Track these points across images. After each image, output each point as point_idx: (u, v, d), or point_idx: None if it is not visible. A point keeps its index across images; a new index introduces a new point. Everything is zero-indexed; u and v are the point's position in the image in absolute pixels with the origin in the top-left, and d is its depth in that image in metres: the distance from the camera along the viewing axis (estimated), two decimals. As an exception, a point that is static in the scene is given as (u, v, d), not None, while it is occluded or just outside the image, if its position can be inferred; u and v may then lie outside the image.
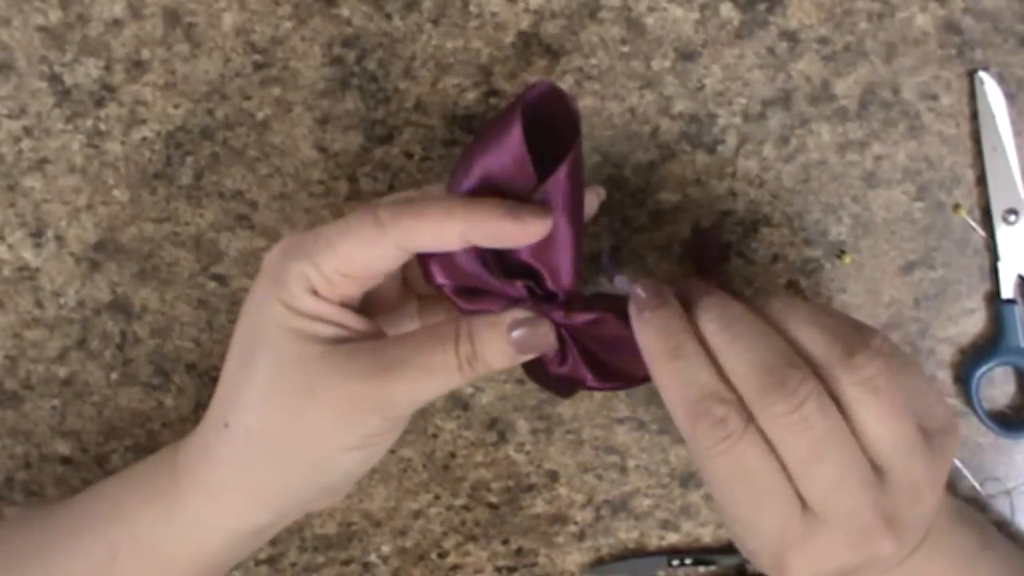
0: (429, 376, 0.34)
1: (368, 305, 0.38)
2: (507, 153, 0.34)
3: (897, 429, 0.33)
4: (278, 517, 0.39)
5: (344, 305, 0.36)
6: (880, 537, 0.33)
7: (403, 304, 0.40)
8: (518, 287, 0.35)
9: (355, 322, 0.36)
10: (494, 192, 0.34)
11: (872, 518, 0.32)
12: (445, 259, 0.35)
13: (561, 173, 0.34)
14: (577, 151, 0.34)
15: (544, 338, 0.35)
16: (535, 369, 0.37)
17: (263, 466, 0.36)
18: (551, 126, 0.35)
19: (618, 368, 0.36)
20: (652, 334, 0.34)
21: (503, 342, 0.35)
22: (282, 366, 0.35)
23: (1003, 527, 0.45)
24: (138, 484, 0.39)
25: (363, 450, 0.36)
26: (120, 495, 0.39)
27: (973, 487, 0.45)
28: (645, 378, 0.36)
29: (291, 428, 0.35)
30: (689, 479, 0.46)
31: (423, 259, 0.35)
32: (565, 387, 0.37)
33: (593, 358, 0.36)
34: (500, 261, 0.35)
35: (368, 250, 0.34)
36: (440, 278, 0.35)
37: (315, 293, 0.35)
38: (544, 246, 0.34)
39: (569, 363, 0.36)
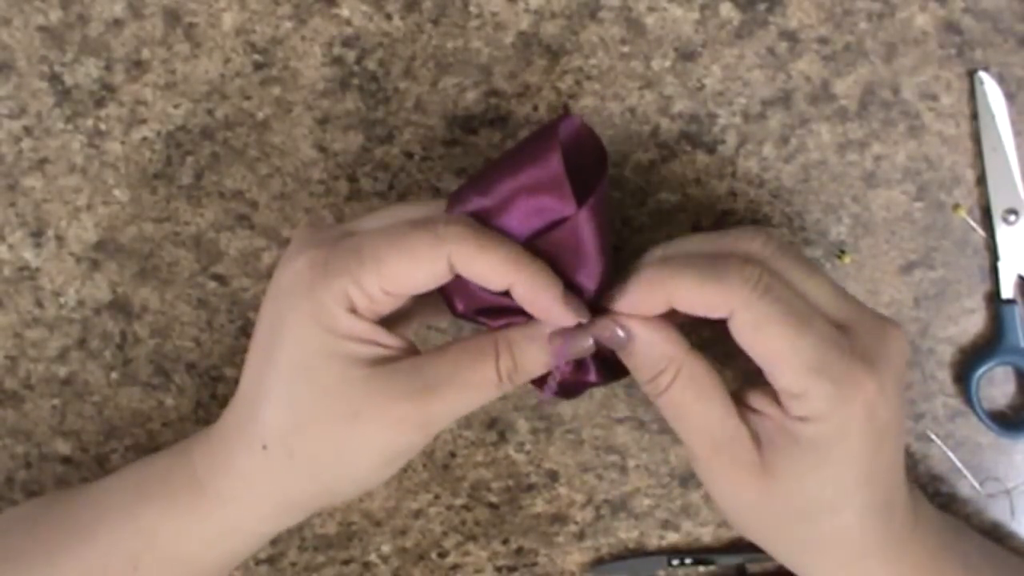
0: (471, 392, 0.35)
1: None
2: (546, 178, 0.34)
3: (836, 288, 0.35)
4: (307, 517, 0.39)
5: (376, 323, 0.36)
6: (862, 375, 0.34)
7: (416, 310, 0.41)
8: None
9: (389, 339, 0.36)
10: (525, 215, 0.34)
11: (850, 359, 0.34)
12: (466, 291, 0.35)
13: (591, 205, 0.34)
14: (604, 182, 0.34)
15: (582, 343, 0.35)
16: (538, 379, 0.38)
17: (304, 485, 0.36)
18: (575, 158, 0.35)
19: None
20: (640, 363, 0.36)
21: (543, 352, 0.35)
22: (324, 392, 0.35)
23: (1003, 527, 0.45)
24: (155, 495, 0.38)
25: (400, 459, 0.37)
26: (134, 506, 0.38)
27: (973, 487, 0.45)
28: None
29: (336, 452, 0.35)
30: (689, 479, 0.46)
31: (444, 290, 0.35)
32: (568, 391, 0.38)
33: (605, 359, 0.37)
34: None
35: (422, 267, 0.34)
36: (461, 307, 0.35)
37: (353, 311, 0.35)
38: (572, 270, 0.35)
39: (582, 369, 0.37)
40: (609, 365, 0.37)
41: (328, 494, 0.37)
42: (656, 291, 0.34)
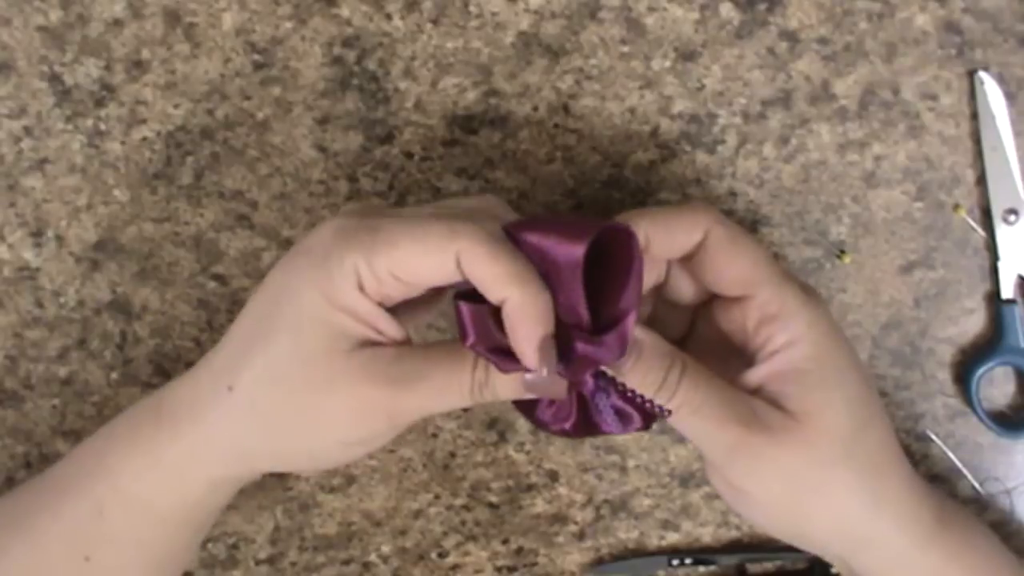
0: (442, 394, 0.35)
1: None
2: (568, 282, 0.34)
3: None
4: (257, 475, 0.40)
5: (381, 305, 0.36)
6: (812, 289, 0.37)
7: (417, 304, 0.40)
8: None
9: (387, 326, 0.36)
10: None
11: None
12: (480, 329, 0.34)
13: (628, 324, 0.34)
14: (639, 300, 0.34)
15: (555, 387, 0.35)
16: (526, 407, 0.38)
17: (258, 437, 0.36)
18: (609, 255, 0.35)
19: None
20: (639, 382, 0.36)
21: (515, 378, 0.35)
22: (306, 355, 0.35)
23: (1003, 527, 0.45)
24: (120, 436, 0.39)
25: (361, 447, 0.37)
26: (103, 449, 0.39)
27: (973, 487, 0.45)
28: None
29: (299, 416, 0.35)
30: (689, 479, 0.46)
31: (459, 320, 0.35)
32: (540, 425, 0.38)
33: (588, 417, 0.37)
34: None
35: (430, 258, 0.34)
36: (472, 340, 0.35)
37: (360, 288, 0.35)
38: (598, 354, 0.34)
39: (569, 421, 0.36)
40: (590, 427, 0.37)
41: (280, 458, 0.37)
42: (638, 226, 0.35)
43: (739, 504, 0.38)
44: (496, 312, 0.34)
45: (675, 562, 0.46)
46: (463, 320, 0.34)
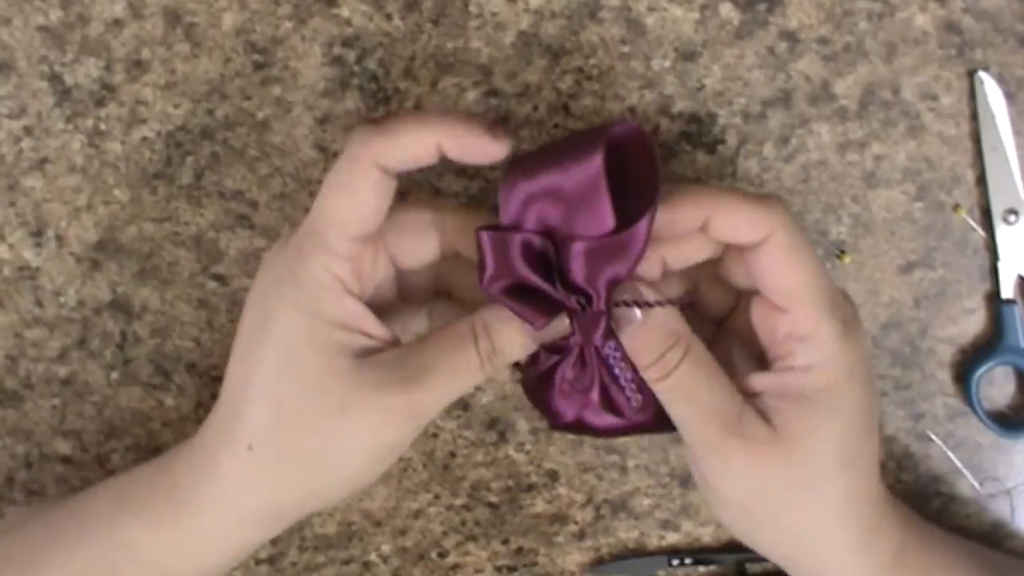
0: (455, 378, 0.35)
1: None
2: (583, 181, 0.33)
3: None
4: (285, 528, 0.38)
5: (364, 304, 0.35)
6: (859, 322, 0.37)
7: (404, 312, 0.40)
8: (572, 300, 0.35)
9: (376, 328, 0.35)
10: (553, 209, 0.34)
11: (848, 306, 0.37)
12: (501, 260, 0.34)
13: (643, 225, 0.33)
14: (657, 196, 0.34)
15: (559, 324, 0.35)
16: (535, 388, 0.37)
17: (292, 487, 0.36)
18: (623, 161, 0.34)
19: (624, 407, 0.37)
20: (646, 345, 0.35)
21: (519, 332, 0.35)
22: (311, 384, 0.34)
23: (1003, 527, 0.45)
24: (135, 504, 0.38)
25: (390, 456, 0.36)
26: (116, 517, 0.38)
27: (973, 487, 0.45)
28: (643, 427, 0.37)
29: (323, 449, 0.35)
30: (689, 479, 0.46)
31: (480, 251, 0.35)
32: (552, 417, 0.37)
33: (607, 389, 0.36)
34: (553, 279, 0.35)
35: (358, 185, 0.34)
36: (493, 273, 0.34)
37: (343, 287, 0.34)
38: (609, 274, 0.34)
39: (581, 387, 0.36)
40: (611, 405, 0.37)
41: (317, 496, 0.37)
42: (698, 205, 0.34)
43: (706, 495, 0.38)
44: (520, 243, 0.34)
45: (675, 562, 0.46)
46: (483, 250, 0.34)
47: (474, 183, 0.44)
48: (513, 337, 0.35)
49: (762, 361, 0.37)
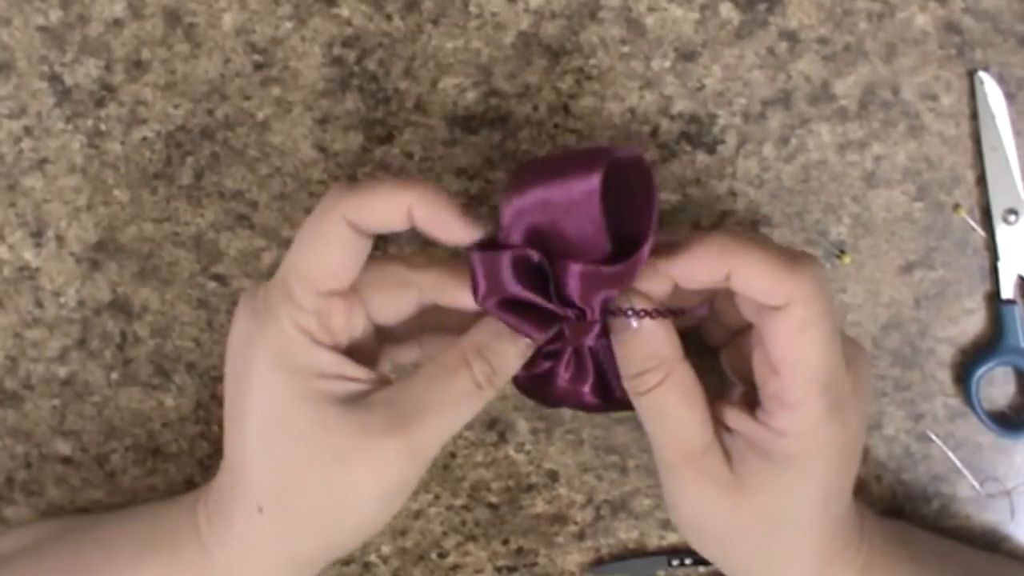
0: (452, 409, 0.34)
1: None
2: (577, 202, 0.33)
3: None
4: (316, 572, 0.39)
5: (339, 351, 0.35)
6: (852, 400, 0.35)
7: (391, 351, 0.40)
8: (567, 311, 0.35)
9: (357, 371, 0.35)
10: (544, 226, 0.34)
11: (846, 383, 0.35)
12: (493, 279, 0.34)
13: (642, 256, 0.33)
14: (656, 222, 0.34)
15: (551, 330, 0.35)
16: (532, 385, 0.38)
17: (309, 540, 0.36)
18: (621, 185, 0.34)
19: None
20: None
21: (515, 345, 0.35)
22: (304, 439, 0.34)
23: (1003, 527, 0.45)
24: (161, 549, 0.38)
25: (401, 493, 0.36)
26: (141, 557, 0.38)
27: (973, 487, 0.45)
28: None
29: (331, 500, 0.34)
30: (689, 479, 0.46)
31: (472, 271, 0.34)
32: (560, 401, 0.38)
33: (600, 379, 0.37)
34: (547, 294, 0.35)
35: (328, 242, 0.33)
36: (485, 292, 0.34)
37: (310, 340, 0.34)
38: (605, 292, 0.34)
39: (587, 383, 0.37)
40: (607, 391, 0.37)
41: (335, 545, 0.37)
42: (723, 257, 0.33)
43: (666, 504, 0.38)
44: (510, 261, 0.34)
45: (675, 562, 0.46)
46: (475, 270, 0.34)
47: (474, 183, 0.44)
48: (509, 352, 0.35)
49: (744, 388, 0.37)
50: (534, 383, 0.37)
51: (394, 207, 0.33)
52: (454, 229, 0.34)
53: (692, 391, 0.35)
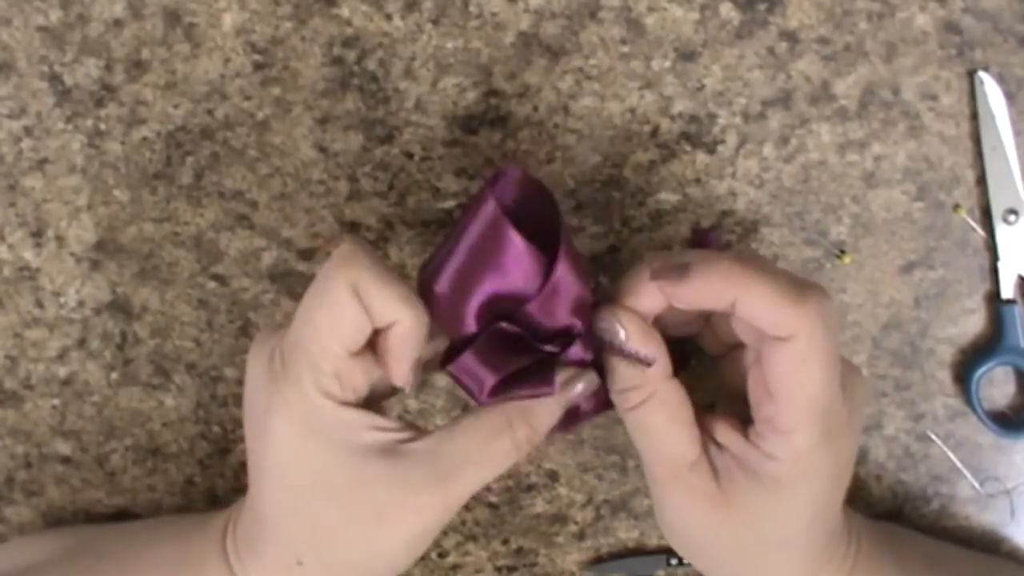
0: (491, 467, 0.35)
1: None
2: (515, 268, 0.33)
3: None
4: None
5: (363, 405, 0.35)
6: (846, 428, 0.35)
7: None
8: (556, 346, 0.35)
9: (386, 422, 0.35)
10: (493, 287, 0.34)
11: (841, 412, 0.35)
12: (479, 380, 0.34)
13: (560, 265, 0.33)
14: (566, 229, 0.34)
15: (589, 382, 0.35)
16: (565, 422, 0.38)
17: None
18: (524, 205, 0.34)
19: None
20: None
21: (555, 406, 0.35)
22: (344, 499, 0.34)
23: (1003, 527, 0.45)
24: None
25: (430, 539, 0.36)
26: None
27: (973, 487, 0.45)
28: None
29: (368, 554, 0.35)
30: (689, 479, 0.46)
31: (459, 383, 0.35)
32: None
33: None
34: (517, 343, 0.35)
35: (336, 310, 0.33)
36: (479, 393, 0.34)
37: (337, 402, 0.34)
38: (553, 311, 0.34)
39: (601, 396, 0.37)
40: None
41: None
42: (729, 285, 0.32)
43: (655, 511, 0.38)
44: (476, 356, 0.34)
45: (673, 561, 0.46)
46: (463, 381, 0.34)
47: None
48: (550, 414, 0.35)
49: (736, 400, 0.37)
50: None
51: (389, 312, 0.33)
52: (402, 370, 0.34)
53: (678, 409, 0.35)
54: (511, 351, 0.34)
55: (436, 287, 0.34)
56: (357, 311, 0.33)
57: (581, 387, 0.35)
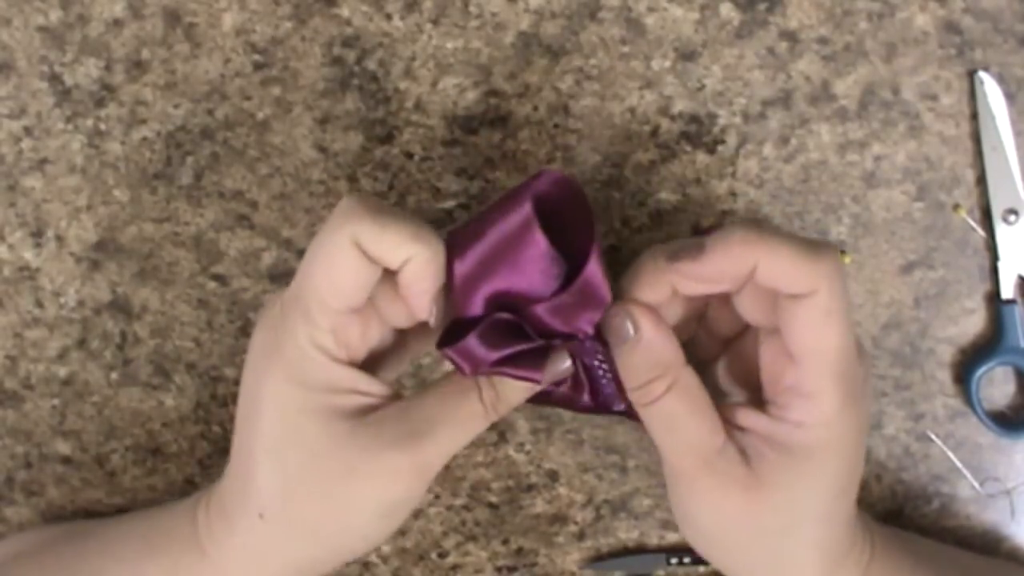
0: (460, 430, 0.35)
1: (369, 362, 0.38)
2: (529, 251, 0.33)
3: None
4: None
5: (355, 365, 0.35)
6: (866, 388, 0.36)
7: (396, 348, 0.40)
8: (557, 342, 0.35)
9: (370, 385, 0.35)
10: (507, 279, 0.34)
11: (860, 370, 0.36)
12: (475, 360, 0.34)
13: (592, 268, 0.33)
14: (598, 232, 0.34)
15: (561, 364, 0.35)
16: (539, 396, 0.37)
17: (306, 550, 0.36)
18: (560, 213, 0.34)
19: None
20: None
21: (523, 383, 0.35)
22: (314, 452, 0.34)
23: (1003, 527, 0.45)
24: (159, 552, 0.38)
25: (404, 509, 0.36)
26: (140, 561, 0.38)
27: (973, 487, 0.45)
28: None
29: (334, 513, 0.35)
30: (689, 479, 0.46)
31: (453, 362, 0.34)
32: (556, 401, 0.37)
33: (596, 395, 0.37)
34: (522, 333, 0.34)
35: (337, 265, 0.33)
36: (472, 370, 0.34)
37: (328, 356, 0.34)
38: (573, 314, 0.34)
39: (584, 392, 0.36)
40: (601, 397, 0.37)
41: (332, 556, 0.37)
42: (749, 251, 0.32)
43: (676, 514, 0.37)
44: (479, 338, 0.34)
45: (673, 560, 0.46)
46: (456, 361, 0.34)
47: (474, 183, 0.44)
48: (515, 384, 0.35)
49: (758, 391, 0.37)
50: (536, 398, 0.37)
51: (397, 253, 0.33)
52: (423, 304, 0.34)
53: (699, 395, 0.35)
54: (510, 338, 0.34)
55: (457, 264, 0.34)
56: (355, 266, 0.33)
57: (552, 367, 0.35)
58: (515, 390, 0.35)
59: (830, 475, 0.34)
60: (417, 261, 0.33)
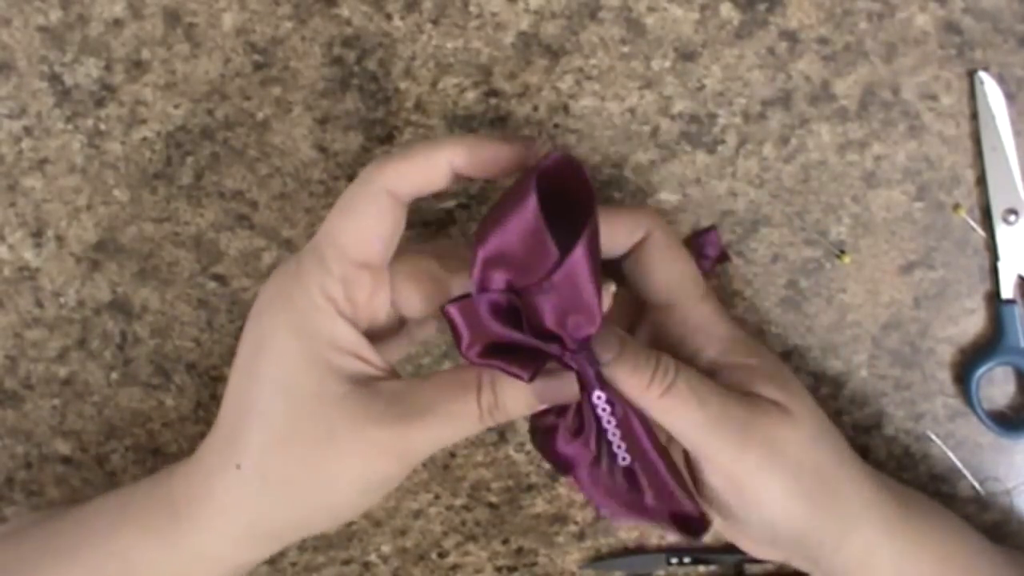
0: (450, 424, 0.34)
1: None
2: (525, 228, 0.33)
3: None
4: (282, 548, 0.38)
5: (359, 331, 0.35)
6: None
7: (397, 335, 0.40)
8: (553, 347, 0.34)
9: (372, 355, 0.35)
10: (511, 265, 0.33)
11: None
12: (474, 326, 0.34)
13: (579, 249, 0.33)
14: (594, 221, 0.33)
15: (566, 388, 0.34)
16: (542, 440, 0.37)
17: (277, 511, 0.35)
18: (565, 195, 0.34)
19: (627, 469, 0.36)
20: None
21: (525, 391, 0.34)
22: (302, 409, 0.34)
23: (1003, 527, 0.45)
24: (133, 518, 0.37)
25: (379, 489, 0.36)
26: (114, 528, 0.38)
27: (973, 487, 0.45)
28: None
29: (310, 474, 0.34)
30: (689, 479, 0.46)
31: (451, 324, 0.34)
32: (563, 466, 0.37)
33: (610, 443, 0.36)
34: (525, 327, 0.34)
35: (361, 211, 0.34)
36: (469, 340, 0.34)
37: (335, 308, 0.34)
38: (568, 311, 0.34)
39: (580, 440, 0.36)
40: (614, 459, 0.36)
41: (302, 522, 0.36)
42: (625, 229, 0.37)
43: (728, 515, 0.37)
44: (487, 305, 0.33)
45: (674, 560, 0.46)
46: (455, 322, 0.34)
47: (474, 183, 0.44)
48: (517, 395, 0.34)
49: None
50: (544, 439, 0.37)
51: (436, 165, 0.34)
52: (505, 156, 0.34)
53: (699, 374, 0.36)
54: (508, 323, 0.34)
55: (479, 250, 0.34)
56: (380, 210, 0.34)
57: (546, 382, 0.34)
58: (515, 402, 0.35)
59: (772, 362, 0.38)
60: (459, 155, 0.34)
